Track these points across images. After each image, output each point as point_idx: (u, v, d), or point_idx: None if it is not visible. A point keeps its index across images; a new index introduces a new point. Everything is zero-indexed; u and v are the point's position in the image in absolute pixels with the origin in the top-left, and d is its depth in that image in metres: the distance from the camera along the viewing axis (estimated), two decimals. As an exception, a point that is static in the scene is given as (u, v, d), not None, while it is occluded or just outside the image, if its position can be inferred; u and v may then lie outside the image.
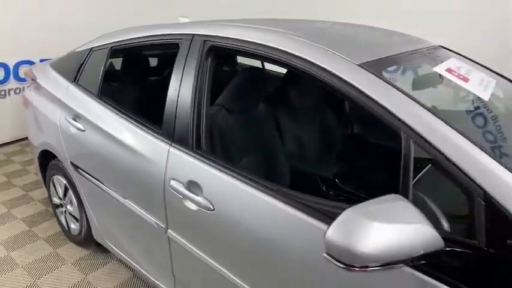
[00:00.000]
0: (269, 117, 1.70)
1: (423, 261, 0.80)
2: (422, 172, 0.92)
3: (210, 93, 1.42)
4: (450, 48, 1.90)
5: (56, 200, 2.36)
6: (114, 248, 1.94)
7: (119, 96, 1.95)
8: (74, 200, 2.12)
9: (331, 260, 0.77)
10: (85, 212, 2.05)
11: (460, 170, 0.83)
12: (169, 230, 1.46)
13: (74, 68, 2.04)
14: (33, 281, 2.05)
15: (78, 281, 2.05)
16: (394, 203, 0.79)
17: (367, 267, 0.76)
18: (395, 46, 1.38)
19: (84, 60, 2.00)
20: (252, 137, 1.58)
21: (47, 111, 2.12)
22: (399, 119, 0.91)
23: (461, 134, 0.87)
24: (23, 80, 3.73)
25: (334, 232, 0.76)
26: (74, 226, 2.25)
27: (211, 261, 1.32)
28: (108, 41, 1.89)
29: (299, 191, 1.06)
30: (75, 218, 2.21)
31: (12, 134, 3.93)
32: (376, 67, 1.06)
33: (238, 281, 1.24)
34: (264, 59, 1.31)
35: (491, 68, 1.68)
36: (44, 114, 2.14)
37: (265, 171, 1.54)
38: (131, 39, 1.75)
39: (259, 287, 1.19)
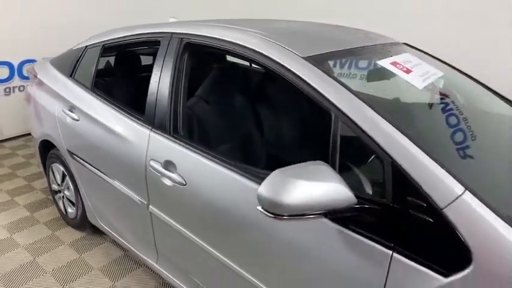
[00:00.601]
0: (243, 107, 1.88)
1: (339, 215, 0.98)
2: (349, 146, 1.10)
3: (188, 85, 1.61)
4: (415, 46, 2.08)
5: (54, 187, 2.56)
6: (106, 228, 2.14)
7: (109, 89, 2.14)
8: (71, 185, 2.32)
9: (263, 212, 0.96)
10: (80, 196, 2.25)
11: (376, 143, 1.00)
12: (150, 206, 1.65)
13: (70, 65, 2.24)
14: (32, 258, 2.25)
15: (74, 259, 2.25)
16: (316, 166, 0.97)
17: (292, 216, 0.94)
18: (349, 42, 1.56)
19: (80, 57, 2.20)
20: (225, 125, 1.77)
21: (46, 104, 2.32)
22: (330, 101, 1.10)
23: (379, 113, 1.04)
24: (27, 78, 3.94)
25: (264, 189, 0.94)
26: (70, 210, 2.45)
27: (185, 231, 1.51)
28: (100, 39, 2.09)
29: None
30: (71, 202, 2.41)
31: (17, 129, 4.15)
32: (319, 60, 1.24)
33: (210, 248, 1.42)
34: (229, 53, 1.49)
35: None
36: (43, 106, 2.35)
37: (239, 156, 1.73)
38: (120, 37, 1.96)
39: (225, 250, 1.38)
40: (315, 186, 0.93)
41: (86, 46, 2.19)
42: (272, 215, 0.94)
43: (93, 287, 2.03)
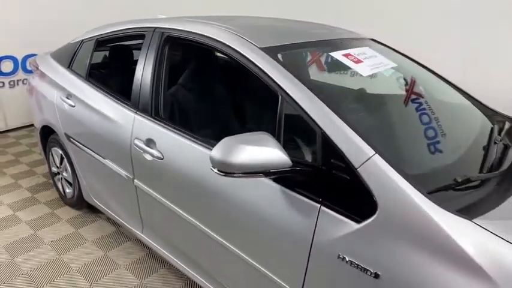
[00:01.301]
0: (218, 93, 2.10)
1: (278, 175, 1.20)
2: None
3: (168, 73, 1.83)
4: (381, 42, 2.29)
5: (54, 169, 2.80)
6: (99, 204, 2.37)
7: (102, 78, 2.36)
8: (68, 167, 2.55)
9: (215, 171, 1.17)
10: (76, 176, 2.48)
11: (311, 118, 1.22)
12: (135, 180, 1.88)
13: (68, 57, 2.47)
14: (33, 232, 2.48)
15: (70, 233, 2.48)
16: (260, 136, 1.19)
17: (238, 174, 1.16)
18: (309, 36, 1.77)
19: (77, 50, 2.43)
20: (202, 108, 1.99)
21: (46, 92, 2.55)
22: (277, 83, 1.31)
23: (316, 95, 1.26)
24: (30, 71, 4.17)
25: (215, 152, 1.15)
26: (68, 190, 2.69)
27: (164, 200, 1.73)
28: (94, 34, 2.32)
29: None
30: (69, 183, 2.64)
31: (21, 120, 4.40)
32: (274, 50, 1.46)
33: (185, 214, 1.64)
34: (200, 44, 1.70)
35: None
36: (44, 95, 2.58)
37: (210, 133, 1.94)
38: (111, 32, 2.18)
39: (197, 215, 1.60)
40: (257, 150, 1.14)
41: (82, 40, 2.41)
42: (222, 173, 1.16)
43: (86, 255, 2.26)
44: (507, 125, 1.72)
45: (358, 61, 1.69)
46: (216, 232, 1.51)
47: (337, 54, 1.65)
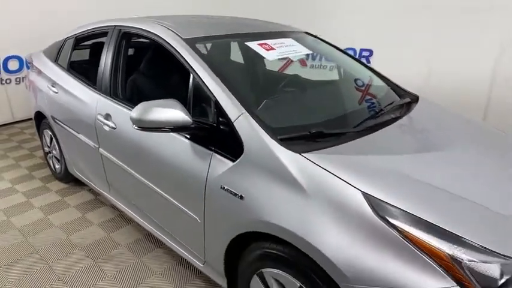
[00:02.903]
0: (165, 77, 2.51)
1: (183, 131, 1.62)
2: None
3: (125, 61, 2.27)
4: (314, 35, 2.71)
5: (46, 149, 3.29)
6: (79, 174, 2.84)
7: (79, 68, 2.81)
8: (56, 145, 3.03)
9: (135, 127, 1.60)
10: (62, 152, 2.96)
11: (209, 89, 1.64)
12: (100, 148, 2.33)
13: (55, 52, 2.95)
14: (27, 199, 2.97)
15: (57, 200, 2.96)
16: (168, 101, 1.60)
17: (150, 128, 1.58)
18: (235, 29, 2.20)
19: (61, 47, 2.91)
20: (154, 89, 2.39)
21: (38, 83, 3.04)
22: (189, 64, 1.74)
23: (214, 72, 1.67)
24: (33, 69, 4.71)
25: (134, 113, 1.57)
26: (57, 166, 3.17)
27: (118, 161, 2.17)
28: (74, 32, 2.79)
29: None
30: (57, 159, 3.12)
31: (26, 113, 4.91)
32: (195, 40, 1.88)
33: (131, 171, 2.08)
34: (143, 37, 2.14)
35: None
36: (37, 85, 3.07)
37: None
38: (86, 30, 2.65)
39: (139, 169, 2.03)
40: (165, 111, 1.57)
41: (66, 38, 2.89)
42: (139, 129, 1.59)
43: (67, 216, 2.73)
44: (401, 99, 2.12)
45: (271, 49, 2.10)
46: (150, 180, 1.95)
47: (253, 44, 2.07)
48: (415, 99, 2.22)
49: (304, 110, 1.85)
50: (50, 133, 3.06)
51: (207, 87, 1.65)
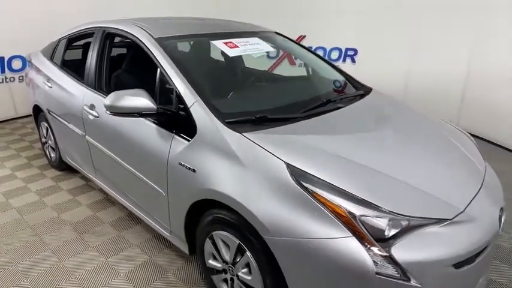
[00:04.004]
0: (143, 73, 2.79)
1: (149, 116, 1.90)
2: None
3: (109, 58, 2.56)
4: (283, 35, 2.97)
5: (43, 140, 3.59)
6: (70, 161, 3.14)
7: (71, 65, 3.11)
8: (51, 136, 3.33)
9: (108, 113, 1.88)
10: (56, 142, 3.26)
11: (172, 81, 1.92)
12: (86, 136, 2.62)
13: (50, 51, 3.26)
14: (24, 184, 3.27)
15: (52, 185, 3.26)
16: (137, 91, 1.88)
17: (120, 113, 1.86)
18: (205, 29, 2.48)
19: (56, 46, 3.21)
20: (134, 83, 2.67)
21: (36, 79, 3.34)
22: (157, 59, 2.02)
23: (177, 66, 1.95)
24: (35, 68, 5.03)
25: (106, 100, 1.85)
26: (52, 155, 3.47)
27: (101, 147, 2.46)
28: (67, 33, 3.10)
29: None
30: (53, 149, 3.42)
31: (28, 109, 5.15)
32: (164, 39, 2.16)
33: (111, 153, 2.37)
34: (122, 36, 2.43)
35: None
36: (34, 82, 3.37)
37: None
38: (77, 31, 2.95)
39: (116, 151, 2.31)
40: (134, 99, 1.85)
41: (60, 38, 3.20)
42: (111, 114, 1.87)
43: (59, 198, 3.02)
44: (356, 91, 2.40)
45: (235, 46, 2.37)
46: (125, 161, 2.24)
47: (218, 42, 2.34)
48: (368, 91, 2.49)
49: (256, 99, 2.13)
50: (46, 125, 3.37)
51: (170, 78, 1.93)
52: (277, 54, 2.95)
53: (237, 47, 2.38)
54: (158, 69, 2.02)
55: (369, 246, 1.32)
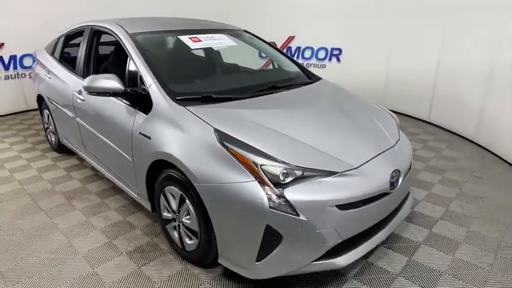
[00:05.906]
0: (120, 61, 3.22)
1: (119, 96, 2.34)
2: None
3: (97, 54, 3.03)
4: (251, 33, 3.40)
5: (45, 125, 4.10)
6: (66, 142, 3.62)
7: (67, 59, 3.60)
8: (52, 121, 3.83)
9: (85, 93, 2.33)
10: (55, 126, 3.75)
11: (137, 66, 2.36)
12: (76, 118, 3.09)
13: (52, 47, 3.77)
14: (27, 163, 3.77)
15: (51, 164, 3.74)
16: (110, 75, 2.32)
17: (95, 93, 2.31)
18: (175, 26, 2.92)
19: (56, 43, 3.72)
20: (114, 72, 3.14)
21: (40, 73, 3.85)
22: (128, 51, 2.46)
23: (142, 55, 2.39)
24: (44, 65, 5.57)
25: (84, 82, 2.30)
26: (53, 139, 3.97)
27: (88, 126, 2.92)
28: (65, 31, 3.59)
29: None
30: (53, 133, 3.92)
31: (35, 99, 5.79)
32: (137, 34, 2.61)
33: (94, 131, 2.82)
34: (104, 33, 2.89)
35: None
36: (38, 75, 3.88)
37: None
38: (72, 29, 3.44)
39: (97, 128, 2.76)
40: (106, 81, 2.29)
41: (59, 36, 3.70)
42: (88, 93, 2.33)
43: (55, 174, 3.50)
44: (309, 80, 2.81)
45: (198, 41, 2.81)
46: (103, 135, 2.69)
47: (184, 37, 2.78)
48: (317, 80, 2.88)
49: (209, 84, 2.57)
50: (47, 112, 3.86)
51: (136, 65, 2.37)
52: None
53: (200, 41, 2.82)
54: (128, 58, 2.47)
55: (267, 188, 1.71)
